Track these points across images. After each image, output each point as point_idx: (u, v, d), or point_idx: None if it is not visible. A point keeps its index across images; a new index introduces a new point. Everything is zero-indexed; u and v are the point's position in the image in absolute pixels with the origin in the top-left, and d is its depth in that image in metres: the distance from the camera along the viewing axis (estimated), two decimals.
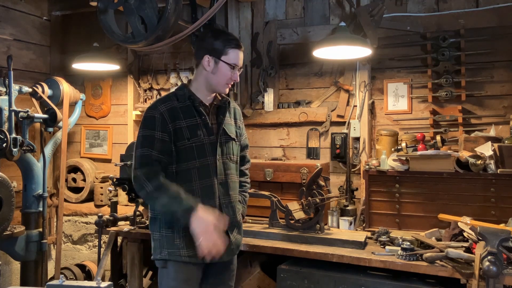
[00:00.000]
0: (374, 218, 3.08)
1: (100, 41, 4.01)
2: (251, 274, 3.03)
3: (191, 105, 2.32)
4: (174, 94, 2.35)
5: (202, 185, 2.29)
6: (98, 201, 4.34)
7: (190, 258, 2.25)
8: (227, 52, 2.29)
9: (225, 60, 2.29)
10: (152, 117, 2.25)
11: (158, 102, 2.31)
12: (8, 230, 3.43)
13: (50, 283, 1.68)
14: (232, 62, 2.31)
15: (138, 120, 4.30)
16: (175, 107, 2.29)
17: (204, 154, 2.30)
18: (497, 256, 2.15)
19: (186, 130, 2.27)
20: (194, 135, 2.28)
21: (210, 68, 2.31)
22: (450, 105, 3.35)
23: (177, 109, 2.29)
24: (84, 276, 4.11)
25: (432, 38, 3.36)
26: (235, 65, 2.32)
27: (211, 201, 2.30)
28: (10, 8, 4.19)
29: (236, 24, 3.84)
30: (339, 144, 3.52)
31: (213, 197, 2.31)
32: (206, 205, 2.23)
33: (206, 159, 2.30)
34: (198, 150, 2.29)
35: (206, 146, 2.31)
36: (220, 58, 2.29)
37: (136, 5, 2.80)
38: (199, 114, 2.32)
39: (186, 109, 2.30)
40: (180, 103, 2.30)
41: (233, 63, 2.31)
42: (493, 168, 2.77)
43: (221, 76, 2.31)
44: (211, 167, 2.31)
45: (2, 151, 3.29)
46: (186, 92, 2.33)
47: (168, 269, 2.29)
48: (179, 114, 2.28)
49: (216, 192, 2.32)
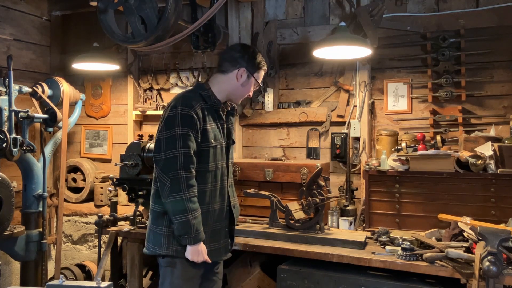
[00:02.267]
0: (374, 218, 3.08)
1: (100, 41, 4.01)
2: (251, 274, 3.03)
3: (213, 108, 2.39)
4: (200, 95, 2.37)
5: (216, 187, 2.38)
6: (98, 201, 4.34)
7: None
8: (259, 71, 2.46)
9: (256, 77, 2.44)
10: (190, 116, 2.26)
11: (191, 100, 2.31)
12: (8, 230, 3.42)
13: (50, 283, 1.68)
14: (260, 81, 2.49)
15: (138, 120, 4.31)
16: (204, 108, 2.34)
17: (221, 157, 2.40)
18: (497, 256, 2.15)
19: (211, 132, 2.34)
20: (215, 138, 2.37)
21: (241, 80, 2.41)
22: (450, 105, 3.35)
23: (204, 110, 2.33)
24: (84, 276, 4.11)
25: (432, 38, 3.36)
26: (259, 84, 2.51)
27: (222, 203, 2.42)
28: (10, 8, 4.19)
29: (236, 24, 3.84)
30: (339, 144, 3.52)
31: (224, 199, 2.43)
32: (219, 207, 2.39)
33: (220, 162, 2.41)
34: (216, 153, 2.37)
35: (222, 150, 2.42)
36: (253, 74, 2.42)
37: (136, 5, 2.80)
38: (219, 118, 2.41)
39: (210, 111, 2.37)
40: (207, 105, 2.36)
41: (259, 83, 2.50)
42: (493, 168, 2.77)
43: (246, 89, 2.46)
44: (223, 170, 2.42)
45: (2, 151, 3.29)
46: (211, 95, 2.39)
47: (176, 268, 2.31)
48: (205, 115, 2.33)
49: (227, 194, 2.45)
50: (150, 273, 3.59)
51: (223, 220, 2.44)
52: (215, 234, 2.40)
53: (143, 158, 3.10)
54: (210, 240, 2.36)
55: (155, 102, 4.21)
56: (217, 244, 2.41)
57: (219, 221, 2.42)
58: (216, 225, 2.40)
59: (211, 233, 2.37)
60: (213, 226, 2.38)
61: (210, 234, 2.35)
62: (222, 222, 2.43)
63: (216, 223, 2.40)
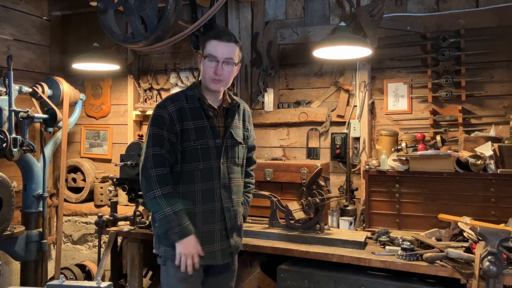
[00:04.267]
0: (374, 218, 3.08)
1: (100, 41, 4.01)
2: (251, 274, 3.03)
3: (200, 107, 2.32)
4: (184, 94, 2.35)
5: (203, 188, 2.30)
6: (98, 201, 4.34)
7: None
8: (206, 46, 2.30)
9: (206, 53, 2.29)
10: (161, 116, 2.26)
11: (167, 101, 2.31)
12: (8, 230, 3.42)
13: (50, 283, 1.68)
14: (208, 53, 2.27)
15: (138, 120, 4.31)
16: (184, 107, 2.29)
17: (209, 157, 2.31)
18: (497, 256, 2.15)
19: (193, 131, 2.28)
20: (200, 137, 2.29)
21: (200, 66, 2.34)
22: (450, 105, 3.35)
23: (185, 109, 2.29)
24: (84, 276, 4.11)
25: (432, 38, 3.36)
26: (211, 56, 2.27)
27: (211, 204, 2.32)
28: (10, 8, 4.19)
29: (236, 24, 3.84)
30: (339, 144, 3.52)
31: (214, 201, 2.33)
32: (207, 208, 2.30)
33: (210, 162, 2.31)
34: (203, 153, 2.30)
35: (211, 149, 2.31)
36: (203, 54, 2.31)
37: (136, 5, 2.80)
38: (207, 117, 2.32)
39: (194, 111, 2.31)
40: (189, 104, 2.31)
41: (209, 54, 2.27)
42: (493, 168, 2.77)
43: (205, 71, 2.31)
44: (214, 170, 2.32)
45: (2, 151, 3.29)
46: (196, 93, 2.34)
47: (167, 266, 2.32)
48: (187, 115, 2.29)
49: (217, 196, 2.33)
50: (150, 273, 3.58)
51: (216, 222, 2.33)
52: (207, 237, 2.30)
53: None
54: (201, 242, 2.26)
55: (155, 102, 4.21)
56: (211, 247, 2.31)
57: (210, 223, 2.31)
58: (207, 227, 2.31)
59: (201, 235, 2.28)
60: (203, 228, 2.30)
61: (200, 236, 2.26)
62: (214, 224, 2.32)
63: (207, 225, 2.31)
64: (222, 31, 2.38)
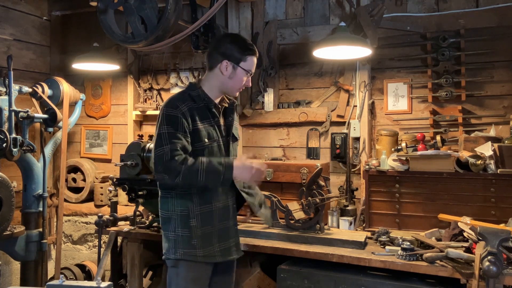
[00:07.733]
0: (374, 218, 3.08)
1: (100, 41, 4.01)
2: (251, 274, 3.03)
3: (205, 107, 2.35)
4: (189, 95, 2.36)
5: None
6: (98, 201, 4.34)
7: (205, 258, 2.30)
8: (246, 59, 2.35)
9: (243, 66, 2.35)
10: (175, 116, 2.26)
11: (177, 101, 2.31)
12: (8, 230, 3.43)
13: (50, 283, 1.68)
14: (249, 69, 2.37)
15: (138, 120, 4.31)
16: (193, 107, 2.31)
17: (219, 155, 2.36)
18: (497, 256, 2.15)
19: (203, 131, 2.31)
20: (210, 136, 2.33)
21: (227, 73, 2.34)
22: (450, 105, 3.35)
23: (194, 110, 2.31)
24: (84, 276, 4.11)
25: (432, 38, 3.36)
26: (249, 71, 2.38)
27: (225, 201, 2.39)
28: (10, 8, 4.19)
29: (236, 24, 3.84)
30: (339, 144, 3.52)
31: (227, 197, 2.40)
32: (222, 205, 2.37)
33: None
34: (213, 152, 2.34)
35: (220, 148, 2.37)
36: (238, 64, 2.34)
37: (136, 5, 2.80)
38: (213, 116, 2.36)
39: (201, 110, 2.34)
40: (196, 104, 2.33)
41: (249, 70, 2.37)
42: (493, 168, 2.77)
43: (237, 81, 2.37)
44: None
45: (2, 151, 3.29)
46: (201, 94, 2.36)
47: (179, 269, 2.31)
48: (195, 115, 2.31)
49: (229, 192, 2.41)
50: (150, 273, 3.59)
51: (230, 218, 2.42)
52: (223, 233, 2.37)
53: (143, 158, 3.10)
54: (219, 239, 2.34)
55: (155, 102, 4.21)
56: (226, 243, 2.39)
57: (225, 220, 2.39)
58: (222, 224, 2.37)
59: (219, 232, 2.35)
60: (219, 225, 2.36)
61: (217, 233, 2.34)
62: (229, 221, 2.41)
63: (222, 222, 2.37)
64: (252, 44, 2.43)
